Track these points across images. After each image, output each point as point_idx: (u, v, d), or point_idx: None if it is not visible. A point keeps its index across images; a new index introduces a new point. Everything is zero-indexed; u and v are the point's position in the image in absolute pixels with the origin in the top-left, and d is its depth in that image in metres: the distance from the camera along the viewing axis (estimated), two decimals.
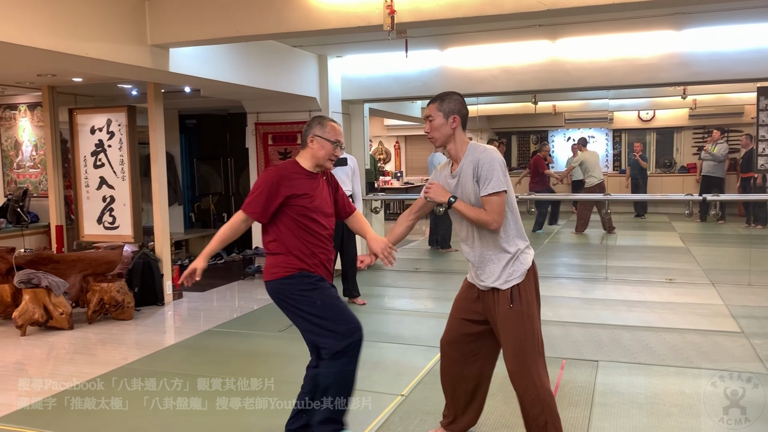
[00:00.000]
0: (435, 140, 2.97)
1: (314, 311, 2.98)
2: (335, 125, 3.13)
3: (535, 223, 11.18)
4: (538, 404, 2.83)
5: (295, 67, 7.02)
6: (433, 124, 2.94)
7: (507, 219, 2.88)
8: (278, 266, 3.01)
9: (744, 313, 5.58)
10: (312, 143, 3.09)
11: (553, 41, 7.07)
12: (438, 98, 2.96)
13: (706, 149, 12.27)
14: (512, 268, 2.87)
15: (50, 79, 6.56)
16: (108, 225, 6.66)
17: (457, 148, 2.95)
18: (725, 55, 6.59)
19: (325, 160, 3.10)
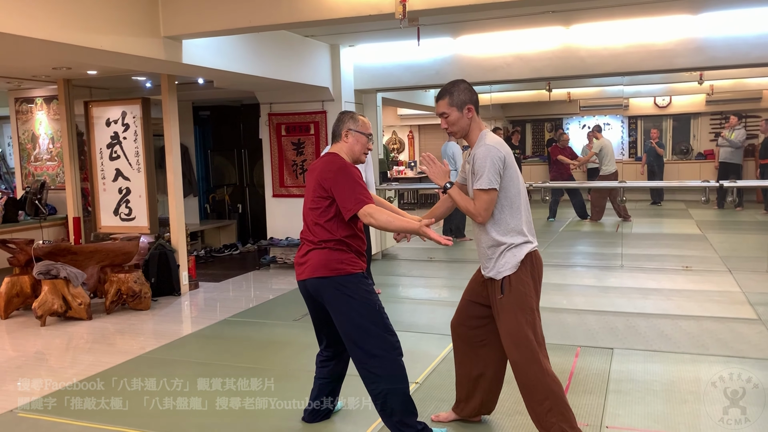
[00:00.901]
0: (455, 134, 2.99)
1: (373, 317, 2.98)
2: (365, 119, 3.19)
3: (549, 211, 11.13)
4: (542, 390, 2.84)
5: (307, 57, 7.02)
6: (450, 119, 2.94)
7: (503, 213, 2.89)
8: (343, 262, 2.97)
9: (762, 300, 5.53)
10: (347, 138, 3.11)
11: (567, 27, 7.00)
12: (446, 93, 2.94)
13: (723, 135, 12.12)
14: (503, 260, 2.89)
15: (65, 72, 6.62)
16: (124, 216, 6.73)
17: (472, 137, 2.98)
18: (743, 40, 6.49)
19: (361, 153, 3.14)
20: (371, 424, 3.30)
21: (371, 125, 3.25)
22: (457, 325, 3.20)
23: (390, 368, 2.97)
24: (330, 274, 2.96)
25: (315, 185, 3.03)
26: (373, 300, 3.01)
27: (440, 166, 3.00)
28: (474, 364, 3.16)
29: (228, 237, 9.46)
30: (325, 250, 2.98)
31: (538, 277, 2.97)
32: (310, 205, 3.06)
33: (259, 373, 4.15)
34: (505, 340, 2.91)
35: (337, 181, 2.94)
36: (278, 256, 7.75)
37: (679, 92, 13.22)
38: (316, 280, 2.98)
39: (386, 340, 2.98)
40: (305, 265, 3.03)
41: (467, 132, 2.97)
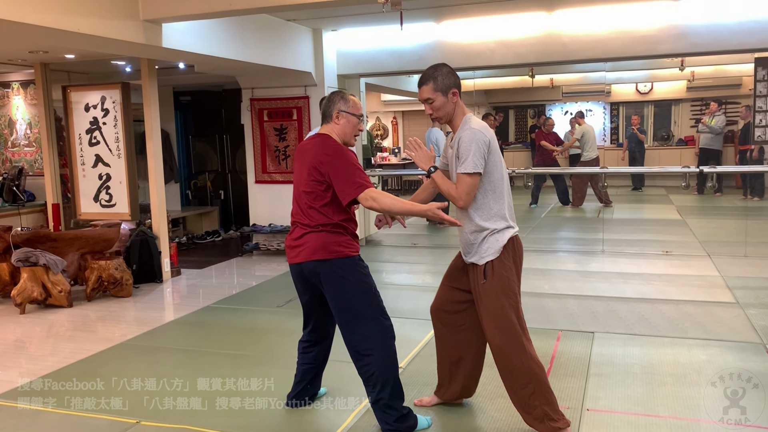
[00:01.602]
0: (440, 120, 2.97)
1: (369, 300, 2.98)
2: (356, 99, 3.12)
3: (531, 197, 11.19)
4: (525, 374, 2.86)
5: (289, 41, 6.95)
6: (434, 105, 2.92)
7: (486, 198, 2.89)
8: (341, 245, 2.95)
9: (739, 284, 5.62)
10: (338, 119, 3.05)
11: (550, 13, 7.00)
12: (430, 78, 2.91)
13: (703, 122, 12.23)
14: (486, 245, 2.89)
15: (42, 56, 6.50)
16: (105, 203, 6.65)
17: (455, 121, 2.96)
18: (723, 26, 6.53)
19: (352, 135, 3.09)
20: (354, 409, 3.32)
21: (361, 105, 3.19)
22: (437, 310, 3.21)
23: (382, 351, 2.98)
24: (328, 257, 2.94)
25: (309, 168, 2.96)
26: (369, 283, 3.01)
27: (425, 151, 2.99)
28: (454, 348, 3.18)
29: (210, 224, 9.40)
30: (322, 233, 2.95)
31: (520, 262, 2.98)
32: (304, 188, 3.00)
33: (242, 359, 4.15)
34: (487, 325, 2.92)
35: (333, 165, 2.89)
36: (261, 243, 7.72)
37: (661, 79, 13.30)
38: (314, 263, 2.95)
39: (381, 323, 2.99)
40: (300, 248, 2.99)
41: (452, 117, 2.95)
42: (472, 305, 3.05)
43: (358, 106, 3.10)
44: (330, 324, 3.26)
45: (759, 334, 4.31)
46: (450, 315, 3.16)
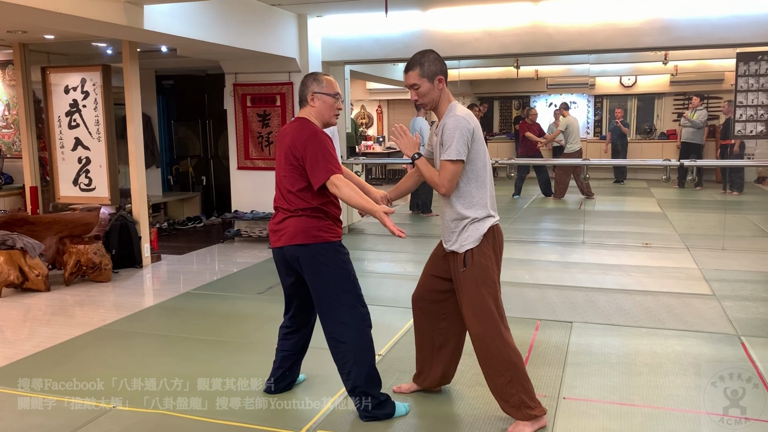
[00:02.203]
0: (425, 106, 2.96)
1: (347, 286, 2.97)
2: (330, 78, 3.09)
3: (514, 188, 11.24)
4: (503, 362, 2.88)
5: (273, 26, 6.89)
6: (420, 91, 2.90)
7: (469, 186, 2.89)
8: (321, 230, 2.94)
9: (716, 277, 5.69)
10: (314, 102, 3.04)
11: (536, 3, 7.00)
12: (417, 63, 2.89)
13: (685, 116, 12.34)
14: (467, 233, 2.90)
15: (21, 36, 6.39)
16: (84, 187, 6.57)
17: (442, 108, 2.95)
18: (706, 21, 6.58)
19: (331, 116, 3.07)
20: (333, 395, 3.32)
21: (338, 84, 3.15)
22: (419, 299, 3.22)
23: (358, 338, 2.98)
24: (308, 242, 2.93)
25: (287, 152, 2.95)
26: (348, 269, 3.00)
27: (410, 137, 2.98)
28: (435, 336, 3.20)
29: (192, 209, 9.33)
30: (302, 217, 2.95)
31: (500, 251, 2.99)
32: (282, 173, 3.00)
33: (221, 345, 4.14)
34: (466, 313, 2.93)
35: (306, 149, 2.89)
36: (243, 230, 7.68)
37: (645, 72, 13.38)
38: (294, 247, 2.95)
39: (357, 310, 2.99)
40: (282, 233, 2.99)
41: (437, 104, 2.94)
42: (454, 294, 3.06)
43: (333, 85, 3.07)
44: (311, 311, 3.25)
45: (734, 326, 4.37)
46: (431, 304, 3.17)
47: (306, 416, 3.13)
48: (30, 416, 3.18)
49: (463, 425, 3.06)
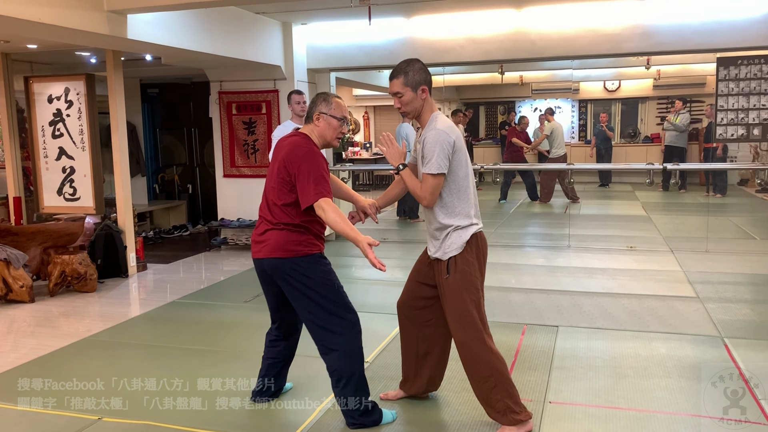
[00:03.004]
0: (408, 114, 2.98)
1: (331, 296, 2.97)
2: (340, 101, 3.08)
3: (500, 193, 11.29)
4: (486, 368, 2.90)
5: (258, 34, 6.90)
6: (403, 99, 2.92)
7: (451, 197, 2.92)
8: (300, 244, 2.94)
9: (700, 279, 5.75)
10: (318, 121, 3.03)
11: (519, 10, 7.07)
12: (401, 72, 2.91)
13: (668, 119, 12.47)
14: (449, 241, 2.93)
15: (4, 46, 6.35)
16: (68, 196, 6.53)
17: (424, 117, 2.98)
18: (687, 26, 6.67)
19: (333, 138, 3.07)
20: (319, 403, 3.32)
21: (347, 109, 3.16)
22: (404, 305, 3.24)
23: (348, 346, 2.98)
24: (287, 255, 2.94)
25: (280, 166, 2.95)
26: (331, 279, 3.01)
27: (397, 147, 3.00)
28: (420, 343, 3.21)
29: (178, 218, 9.29)
30: (283, 231, 2.95)
31: (483, 258, 3.01)
32: (272, 184, 3.00)
33: (208, 354, 4.13)
34: (450, 319, 2.95)
35: (300, 168, 2.88)
36: (229, 237, 7.66)
37: (628, 77, 13.52)
38: (274, 260, 2.96)
39: (345, 318, 2.99)
40: (263, 245, 3.00)
41: (420, 113, 2.97)
42: (439, 301, 3.07)
43: (342, 109, 3.07)
44: (297, 320, 3.25)
45: (717, 328, 4.42)
46: (416, 311, 3.19)
47: (293, 424, 3.13)
48: (14, 428, 3.15)
49: (450, 431, 3.07)
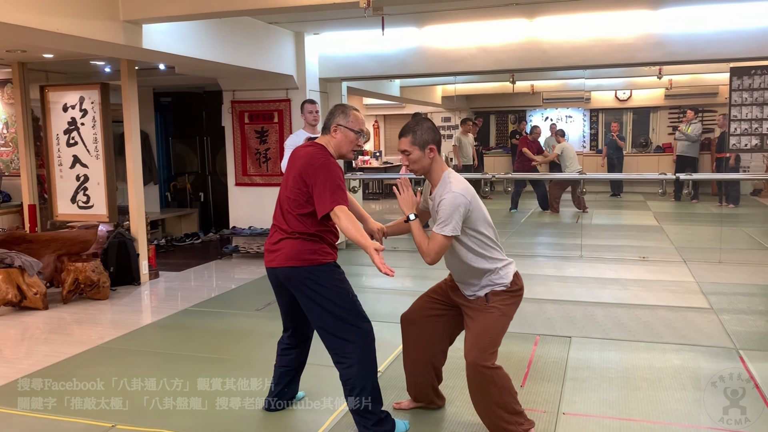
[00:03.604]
0: (416, 172, 3.00)
1: (345, 304, 2.97)
2: (358, 114, 3.10)
3: (511, 202, 11.27)
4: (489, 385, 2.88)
5: (271, 44, 6.94)
6: (411, 157, 2.94)
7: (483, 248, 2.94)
8: (315, 253, 2.95)
9: (714, 290, 5.71)
10: (336, 133, 3.05)
11: (531, 20, 7.07)
12: (410, 131, 2.95)
13: (680, 129, 12.42)
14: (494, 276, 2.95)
15: (20, 55, 6.43)
16: (82, 204, 6.58)
17: (434, 176, 2.99)
18: (700, 36, 6.65)
19: (349, 150, 3.08)
20: (331, 413, 3.32)
21: (364, 122, 3.17)
22: (410, 320, 3.23)
23: (361, 355, 2.98)
24: (301, 264, 2.94)
25: (296, 175, 2.96)
26: (345, 288, 3.01)
27: (411, 195, 2.99)
28: (423, 352, 3.21)
29: (189, 226, 9.33)
30: (298, 240, 2.96)
31: (518, 302, 3.05)
32: (287, 193, 3.01)
33: (220, 362, 4.13)
34: (472, 338, 2.91)
35: (317, 178, 2.90)
36: (241, 246, 7.69)
37: (639, 86, 13.48)
38: (288, 269, 2.96)
39: (359, 326, 2.99)
40: (277, 253, 3.00)
41: (428, 171, 2.99)
42: (445, 319, 3.12)
43: (359, 121, 3.08)
44: (308, 328, 3.26)
45: (732, 339, 4.38)
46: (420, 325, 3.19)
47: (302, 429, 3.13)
48: None
49: None
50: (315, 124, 5.93)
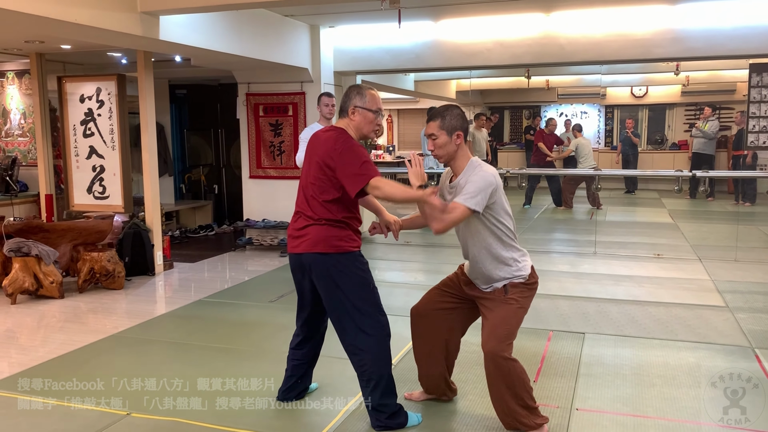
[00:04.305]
0: (440, 158, 2.98)
1: (366, 295, 2.98)
2: (374, 93, 3.06)
3: (525, 198, 11.22)
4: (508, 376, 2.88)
5: (286, 36, 6.95)
6: (437, 142, 2.92)
7: (509, 229, 2.95)
8: (342, 239, 2.94)
9: (729, 288, 5.66)
10: (354, 115, 3.02)
11: (548, 14, 7.03)
12: (439, 115, 2.93)
13: (697, 126, 12.30)
14: (513, 269, 2.96)
15: (38, 46, 6.48)
16: (98, 195, 6.63)
17: (458, 164, 2.96)
18: (719, 31, 6.58)
19: (370, 130, 3.05)
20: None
21: (380, 100, 3.10)
22: (421, 314, 3.22)
23: (377, 347, 2.99)
24: (328, 251, 2.93)
25: (319, 161, 2.93)
26: (367, 279, 3.01)
27: (422, 170, 2.91)
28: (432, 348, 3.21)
29: (204, 218, 9.38)
30: (325, 226, 2.94)
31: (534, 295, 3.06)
32: (311, 180, 2.98)
33: (233, 353, 4.16)
34: (490, 329, 2.90)
35: (342, 158, 2.87)
36: (254, 238, 7.72)
37: (656, 82, 13.37)
38: (314, 255, 2.94)
39: (377, 319, 3.00)
40: (302, 239, 2.98)
41: (453, 158, 2.95)
42: (456, 312, 3.12)
43: (376, 100, 3.04)
44: (323, 320, 3.26)
45: (748, 338, 4.35)
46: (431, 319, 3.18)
47: (318, 425, 3.14)
48: (46, 422, 3.20)
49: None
50: (330, 118, 5.93)
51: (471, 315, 3.18)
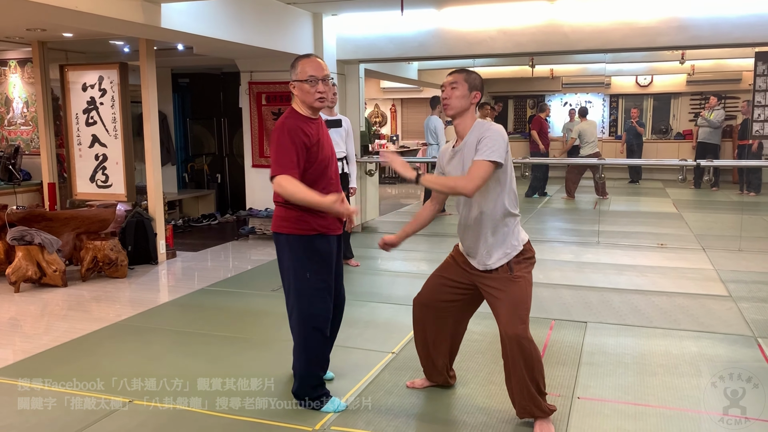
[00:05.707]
0: (450, 108, 2.91)
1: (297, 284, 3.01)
2: (307, 60, 2.98)
3: (528, 188, 11.19)
4: (538, 362, 2.88)
5: (289, 24, 6.92)
6: (456, 92, 2.88)
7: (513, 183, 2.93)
8: (286, 220, 2.99)
9: (733, 278, 5.64)
10: (294, 90, 3.02)
11: (552, 2, 6.98)
12: (464, 71, 2.95)
13: (702, 115, 12.23)
14: (516, 235, 2.94)
15: (40, 34, 6.46)
16: (101, 183, 6.64)
17: (465, 123, 2.92)
18: (725, 19, 6.52)
19: (313, 101, 2.98)
20: (346, 392, 3.33)
21: (320, 66, 2.98)
22: (425, 304, 3.20)
23: (299, 333, 3.05)
24: (276, 231, 3.05)
25: None
26: (301, 267, 2.98)
27: (400, 161, 2.91)
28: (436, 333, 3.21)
29: (206, 207, 9.38)
30: (279, 207, 3.03)
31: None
32: None
33: (236, 341, 4.17)
34: (505, 311, 2.87)
35: (271, 143, 2.96)
36: (257, 227, 7.72)
37: (661, 71, 13.29)
38: (274, 234, 3.09)
39: (302, 309, 3.02)
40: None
41: (461, 113, 2.91)
42: (458, 299, 3.10)
43: (306, 69, 2.95)
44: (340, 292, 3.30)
45: (751, 328, 4.34)
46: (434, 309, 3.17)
47: (320, 413, 3.14)
48: (47, 410, 3.21)
49: (477, 425, 3.05)
50: (332, 106, 5.91)
51: (474, 303, 3.16)
